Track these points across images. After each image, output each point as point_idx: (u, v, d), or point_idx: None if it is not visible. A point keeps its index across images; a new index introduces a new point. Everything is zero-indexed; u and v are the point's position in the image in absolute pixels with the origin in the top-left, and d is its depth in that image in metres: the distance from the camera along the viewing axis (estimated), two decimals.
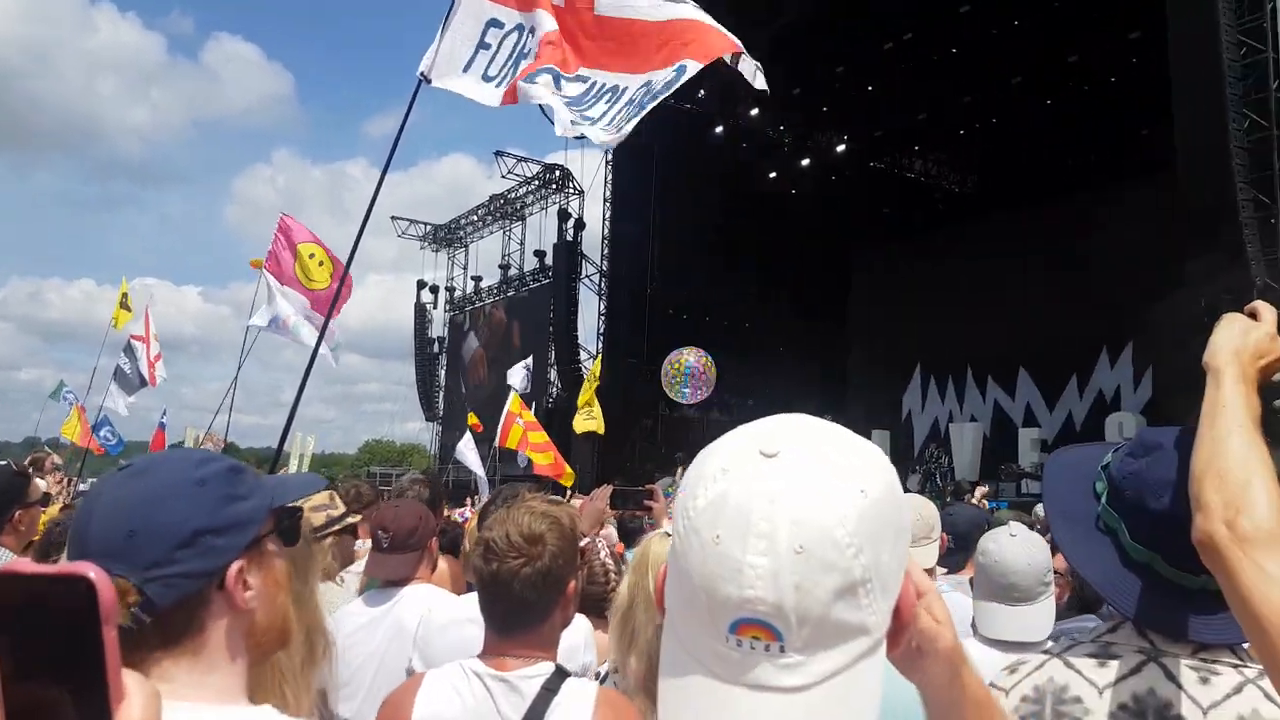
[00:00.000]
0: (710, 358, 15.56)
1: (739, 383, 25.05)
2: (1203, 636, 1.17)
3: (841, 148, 25.95)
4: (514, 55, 4.54)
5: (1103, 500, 1.27)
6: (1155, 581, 1.21)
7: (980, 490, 11.95)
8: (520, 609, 1.87)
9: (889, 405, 25.33)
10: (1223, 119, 11.65)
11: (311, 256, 7.93)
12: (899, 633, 0.73)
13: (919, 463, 21.99)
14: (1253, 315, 1.17)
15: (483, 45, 4.55)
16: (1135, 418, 18.31)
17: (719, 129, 24.23)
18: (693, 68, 4.26)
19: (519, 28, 4.60)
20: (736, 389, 25.36)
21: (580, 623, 2.50)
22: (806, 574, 0.65)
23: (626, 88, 4.42)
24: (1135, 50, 18.38)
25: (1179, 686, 1.16)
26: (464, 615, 2.34)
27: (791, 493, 0.67)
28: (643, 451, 22.54)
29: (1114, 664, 1.21)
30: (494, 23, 4.57)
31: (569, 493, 10.71)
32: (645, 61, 4.41)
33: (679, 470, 15.91)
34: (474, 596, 2.02)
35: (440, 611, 2.60)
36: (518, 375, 19.33)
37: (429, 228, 35.37)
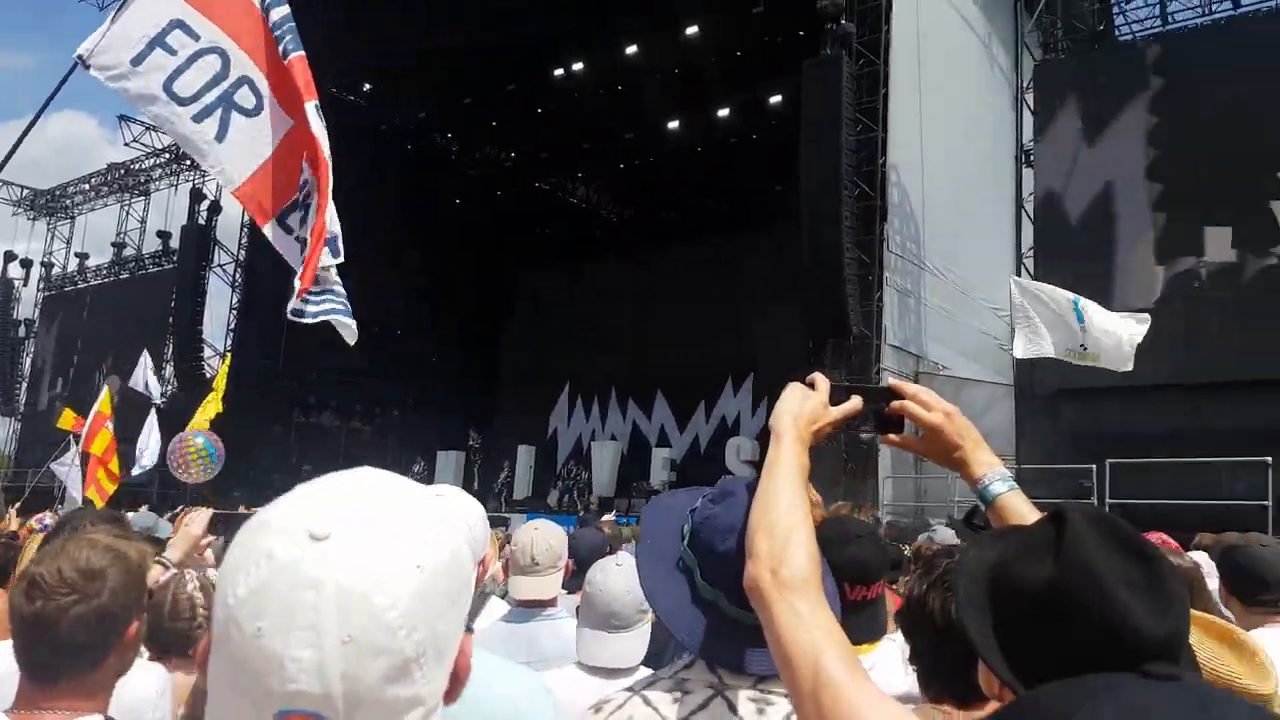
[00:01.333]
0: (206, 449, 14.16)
1: (387, 393, 24.15)
2: (756, 669, 1.27)
3: (509, 164, 26.16)
4: (219, 93, 4.04)
5: (685, 542, 1.35)
6: (719, 619, 1.30)
7: (608, 516, 12.54)
8: (67, 654, 1.65)
9: (537, 421, 25.86)
10: (837, 185, 13.17)
11: None
12: (454, 688, 0.74)
13: (560, 479, 22.59)
14: (811, 385, 1.33)
15: (163, 45, 3.99)
16: (750, 442, 20.25)
17: (383, 127, 23.33)
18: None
19: (220, 52, 4.04)
20: (384, 400, 24.42)
21: (153, 673, 2.20)
22: (355, 662, 0.64)
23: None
24: (774, 114, 20.47)
25: (739, 718, 1.25)
26: None
27: (340, 580, 0.65)
28: (272, 462, 20.83)
29: (686, 699, 1.28)
30: (181, 25, 4.01)
31: (178, 510, 9.47)
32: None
33: None
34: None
35: None
36: (140, 375, 17.10)
37: (26, 192, 30.68)
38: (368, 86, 22.54)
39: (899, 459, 13.43)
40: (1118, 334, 10.05)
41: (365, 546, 0.67)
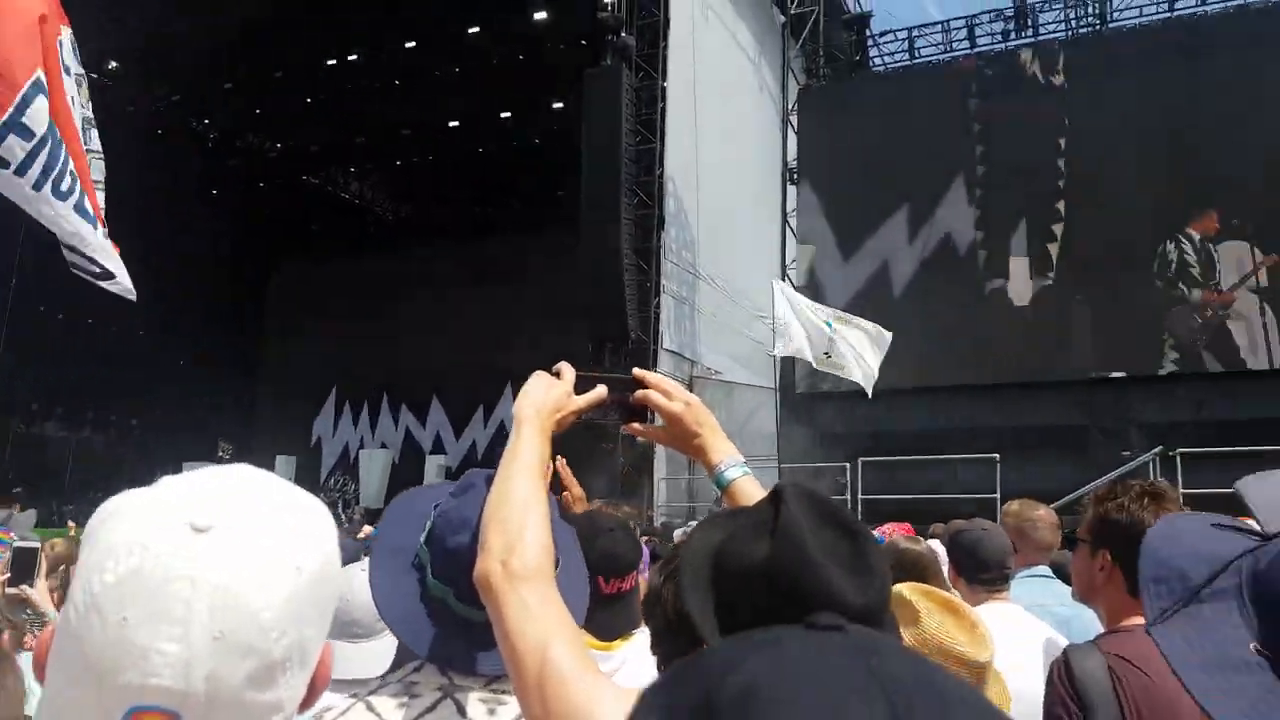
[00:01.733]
0: None
1: (125, 399, 21.96)
2: (487, 670, 1.24)
3: (273, 155, 24.61)
4: None
5: (422, 538, 1.30)
6: (449, 618, 1.26)
7: (368, 527, 11.96)
8: None
9: (299, 430, 24.45)
10: (617, 194, 13.39)
11: None
12: (310, 697, 0.72)
13: (325, 490, 21.47)
14: (557, 374, 1.32)
15: None
16: None
17: (130, 109, 21.22)
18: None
19: None
20: (124, 406, 22.20)
21: None
22: (222, 661, 0.62)
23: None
24: (558, 119, 20.52)
25: None
26: None
27: (217, 575, 0.63)
28: None
29: (414, 703, 1.23)
30: None
31: None
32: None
33: (15, 507, 13.25)
34: None
35: None
36: None
37: None
38: (114, 64, 20.47)
39: (674, 461, 13.80)
40: (865, 353, 11.07)
41: (246, 544, 0.64)
